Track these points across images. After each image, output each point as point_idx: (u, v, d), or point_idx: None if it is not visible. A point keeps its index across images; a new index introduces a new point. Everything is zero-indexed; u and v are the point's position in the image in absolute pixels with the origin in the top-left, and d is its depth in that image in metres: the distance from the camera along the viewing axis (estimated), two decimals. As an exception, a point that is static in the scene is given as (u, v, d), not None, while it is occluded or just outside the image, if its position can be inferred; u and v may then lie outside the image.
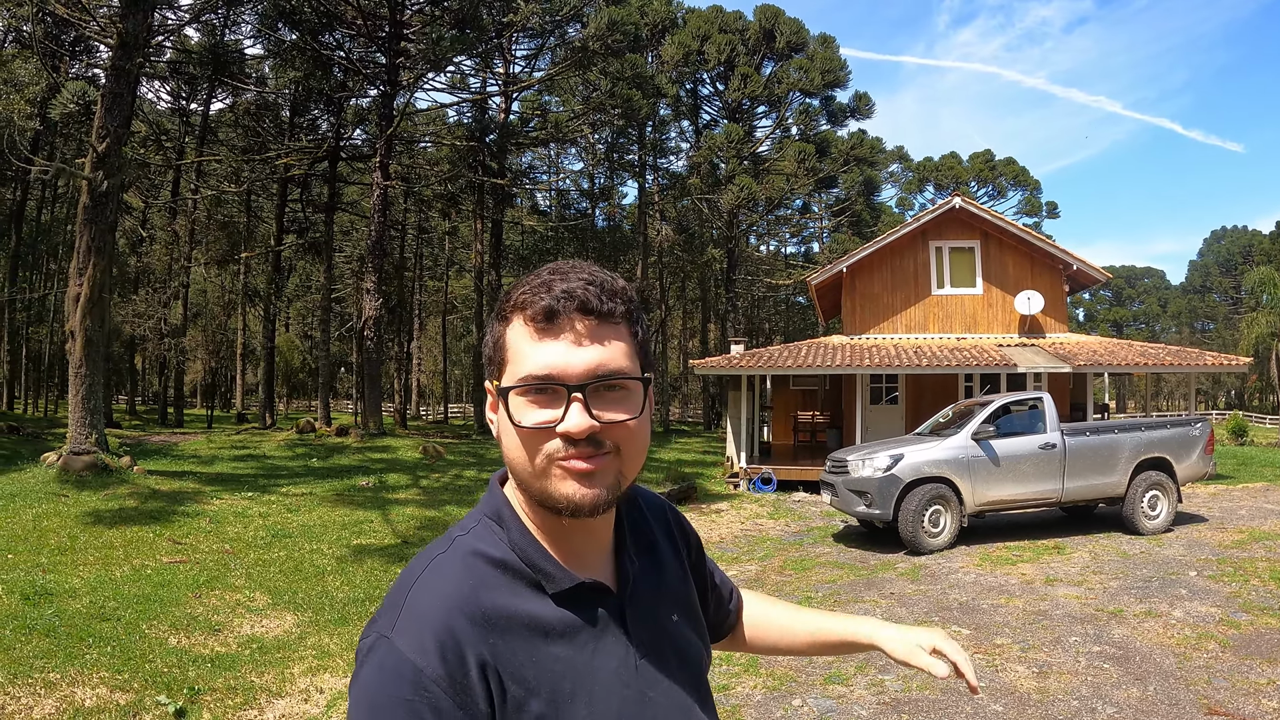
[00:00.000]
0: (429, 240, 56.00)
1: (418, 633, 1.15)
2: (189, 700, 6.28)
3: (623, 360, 1.23)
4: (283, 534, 12.88)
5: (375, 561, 11.48)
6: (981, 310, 23.55)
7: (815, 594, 9.86)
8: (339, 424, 30.98)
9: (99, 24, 20.59)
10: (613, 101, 33.48)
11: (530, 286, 1.24)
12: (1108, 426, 13.75)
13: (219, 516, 13.88)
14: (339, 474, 19.84)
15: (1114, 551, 11.91)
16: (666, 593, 1.44)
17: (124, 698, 6.26)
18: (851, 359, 20.43)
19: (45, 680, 6.43)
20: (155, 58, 30.49)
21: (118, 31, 17.00)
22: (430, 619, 1.16)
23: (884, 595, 9.69)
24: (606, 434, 1.20)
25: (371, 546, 12.40)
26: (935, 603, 9.29)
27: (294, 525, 13.61)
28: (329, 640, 7.98)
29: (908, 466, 12.35)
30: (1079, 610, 8.82)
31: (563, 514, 1.22)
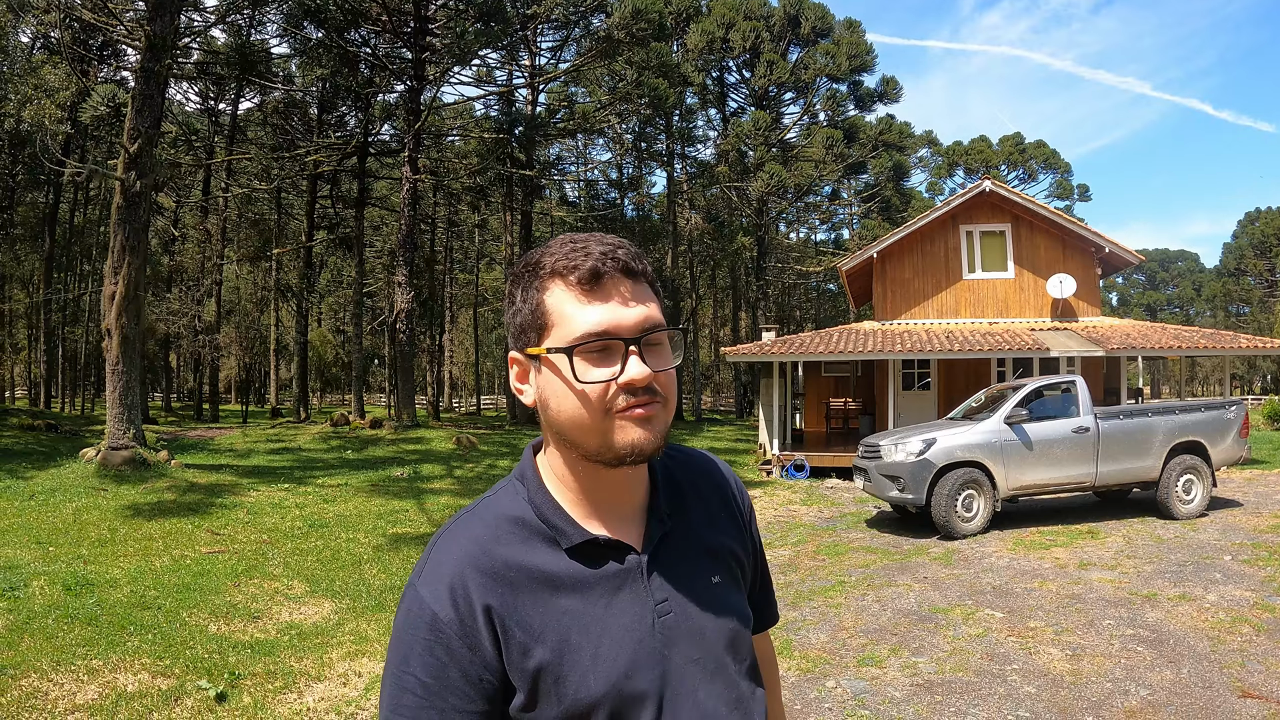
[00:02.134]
0: (459, 233, 56.17)
1: (436, 582, 1.29)
2: (229, 685, 6.36)
3: (660, 315, 1.31)
4: (319, 524, 12.99)
5: (411, 550, 11.51)
6: (1013, 294, 23.40)
7: (849, 578, 9.87)
8: (373, 417, 31.18)
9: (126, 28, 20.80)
10: (639, 91, 33.46)
11: (564, 253, 1.29)
12: (1141, 410, 13.63)
13: (256, 508, 14.06)
14: (374, 465, 20.00)
15: (1148, 536, 11.84)
16: (707, 553, 1.47)
17: (165, 683, 6.35)
18: (883, 344, 20.36)
19: (88, 667, 6.54)
20: (183, 59, 30.69)
21: (145, 34, 17.17)
22: (446, 570, 1.29)
23: (917, 579, 9.69)
24: (657, 382, 1.28)
25: (408, 535, 12.45)
26: (968, 586, 9.28)
27: (330, 515, 13.73)
28: (366, 626, 8.06)
29: (940, 451, 12.31)
30: (1112, 594, 8.78)
31: (625, 462, 1.28)
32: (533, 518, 1.35)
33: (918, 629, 7.79)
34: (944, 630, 7.72)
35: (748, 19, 44.48)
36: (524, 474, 1.41)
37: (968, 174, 60.67)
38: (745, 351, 22.18)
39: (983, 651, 7.08)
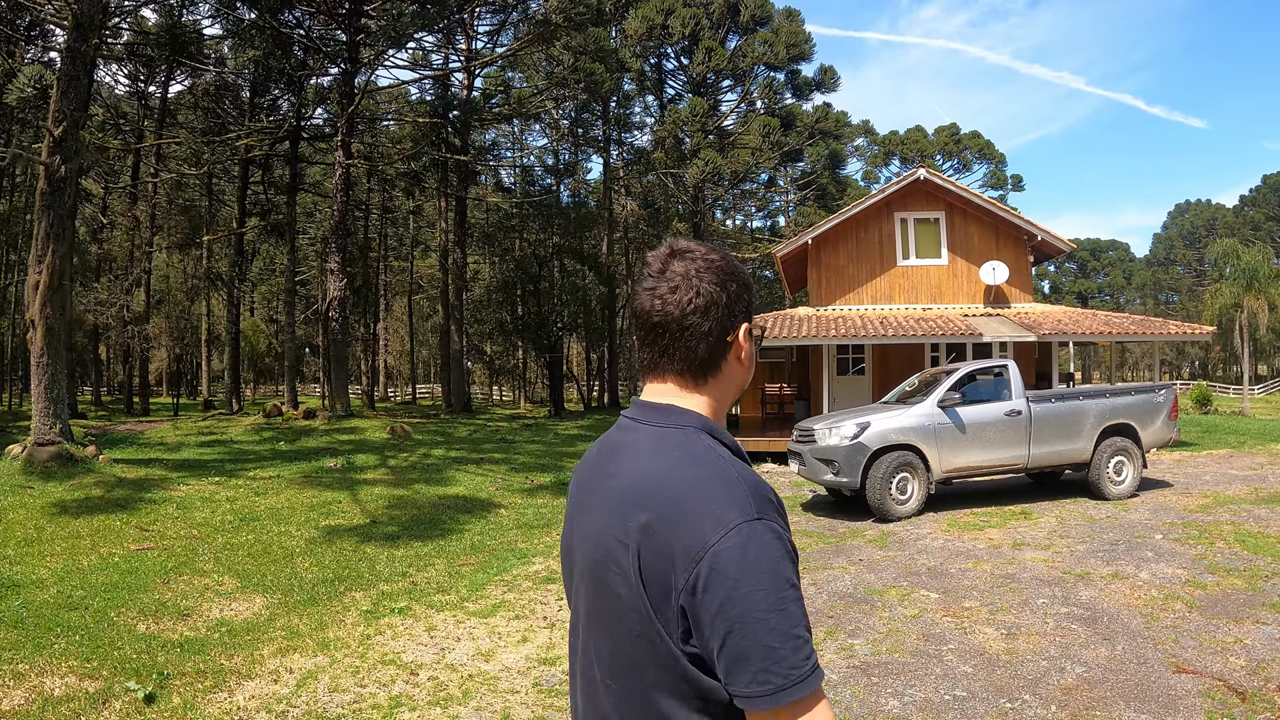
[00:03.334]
0: (394, 220, 55.59)
1: (763, 507, 1.47)
2: (158, 685, 6.20)
3: None
4: (251, 517, 12.77)
5: (345, 541, 11.38)
6: (947, 281, 23.64)
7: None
8: (306, 407, 30.73)
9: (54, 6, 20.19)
10: (575, 76, 33.22)
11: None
12: (1073, 393, 13.85)
13: (186, 502, 13.74)
14: (307, 456, 19.66)
15: (1080, 516, 12.05)
16: None
17: (93, 685, 6.18)
18: (817, 329, 20.46)
19: (14, 671, 6.34)
20: (112, 40, 29.97)
21: (73, 13, 16.65)
22: (763, 497, 1.49)
23: (853, 561, 9.75)
24: None
25: (341, 527, 12.29)
26: (903, 568, 9.36)
27: (262, 508, 13.48)
28: (298, 621, 7.93)
29: (874, 434, 12.41)
30: (1046, 573, 8.90)
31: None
32: (742, 452, 1.65)
33: (853, 611, 7.82)
34: (880, 612, 7.76)
35: (687, 5, 44.42)
36: (711, 428, 1.65)
37: (904, 163, 61.33)
38: (679, 338, 22.15)
39: (919, 632, 7.12)
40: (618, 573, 1.53)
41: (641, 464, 1.59)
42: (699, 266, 1.66)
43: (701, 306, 1.63)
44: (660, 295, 1.65)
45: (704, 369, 1.67)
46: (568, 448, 23.27)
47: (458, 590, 9.01)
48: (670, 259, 1.68)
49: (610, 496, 1.61)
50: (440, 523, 12.81)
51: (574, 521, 1.75)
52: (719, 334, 1.65)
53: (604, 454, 1.73)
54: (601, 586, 1.59)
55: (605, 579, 1.57)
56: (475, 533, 12.22)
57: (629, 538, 1.51)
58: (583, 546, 1.67)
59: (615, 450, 1.69)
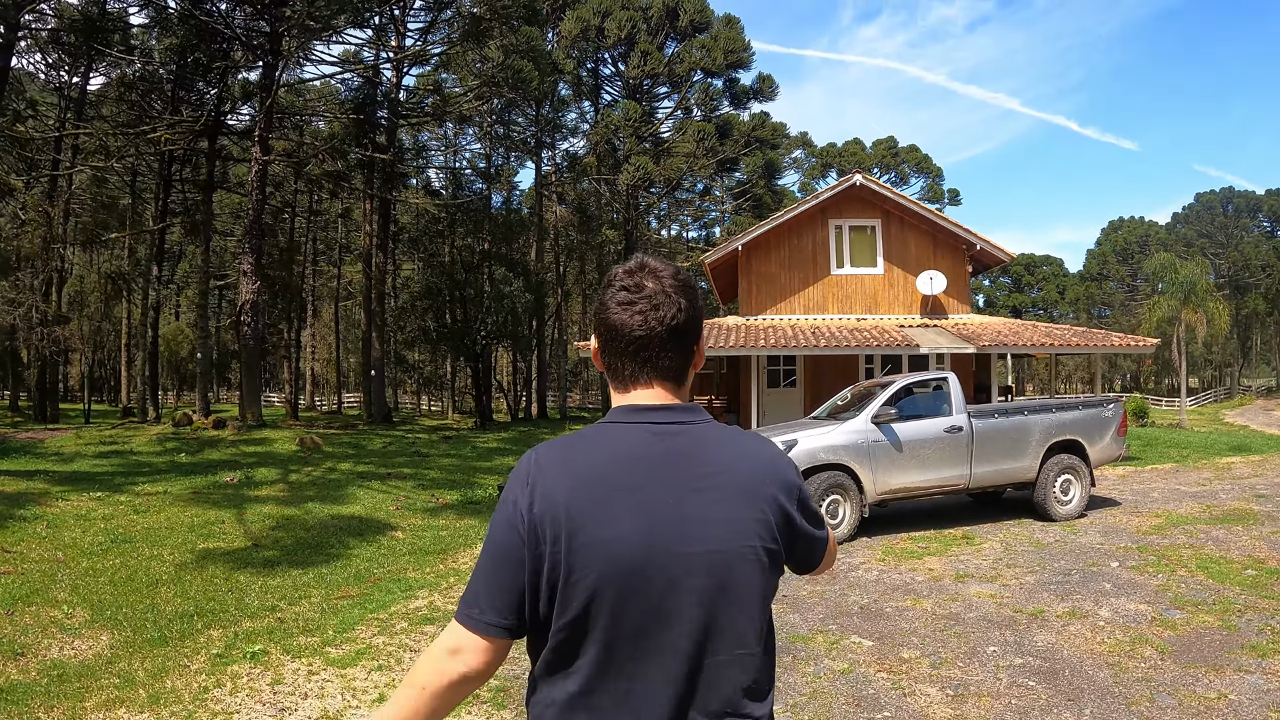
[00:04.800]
0: (323, 224, 54.07)
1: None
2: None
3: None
4: (124, 539, 11.67)
5: (218, 568, 10.28)
6: (883, 290, 22.77)
7: None
8: (217, 417, 29.19)
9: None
10: (504, 75, 32.03)
11: None
12: (1017, 408, 12.85)
13: (58, 520, 12.66)
14: (205, 470, 18.55)
15: (1027, 540, 11.08)
16: None
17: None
18: (746, 340, 19.40)
19: None
20: (38, 25, 28.77)
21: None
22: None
23: (775, 599, 8.61)
24: None
25: (218, 551, 11.16)
26: (833, 606, 8.21)
27: (138, 528, 12.34)
28: (139, 665, 6.94)
29: (802, 453, 11.15)
30: (995, 612, 7.87)
31: None
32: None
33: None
34: (803, 665, 6.60)
35: (625, 9, 43.60)
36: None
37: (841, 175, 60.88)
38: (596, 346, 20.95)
39: (849, 693, 5.98)
40: (758, 547, 1.75)
41: (745, 449, 1.83)
42: (673, 285, 1.83)
43: (683, 322, 1.82)
44: (643, 311, 1.80)
45: (683, 375, 1.88)
46: (484, 462, 22.10)
47: (325, 630, 7.85)
48: (644, 277, 1.83)
49: (728, 490, 1.75)
50: (326, 547, 11.61)
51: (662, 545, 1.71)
52: (691, 345, 1.87)
53: (676, 462, 1.76)
54: (738, 575, 1.73)
55: (742, 566, 1.74)
56: (363, 559, 11.04)
57: (768, 510, 1.78)
58: (696, 560, 1.71)
59: (692, 453, 1.77)
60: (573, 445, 1.81)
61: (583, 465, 1.75)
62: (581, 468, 1.75)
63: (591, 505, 1.69)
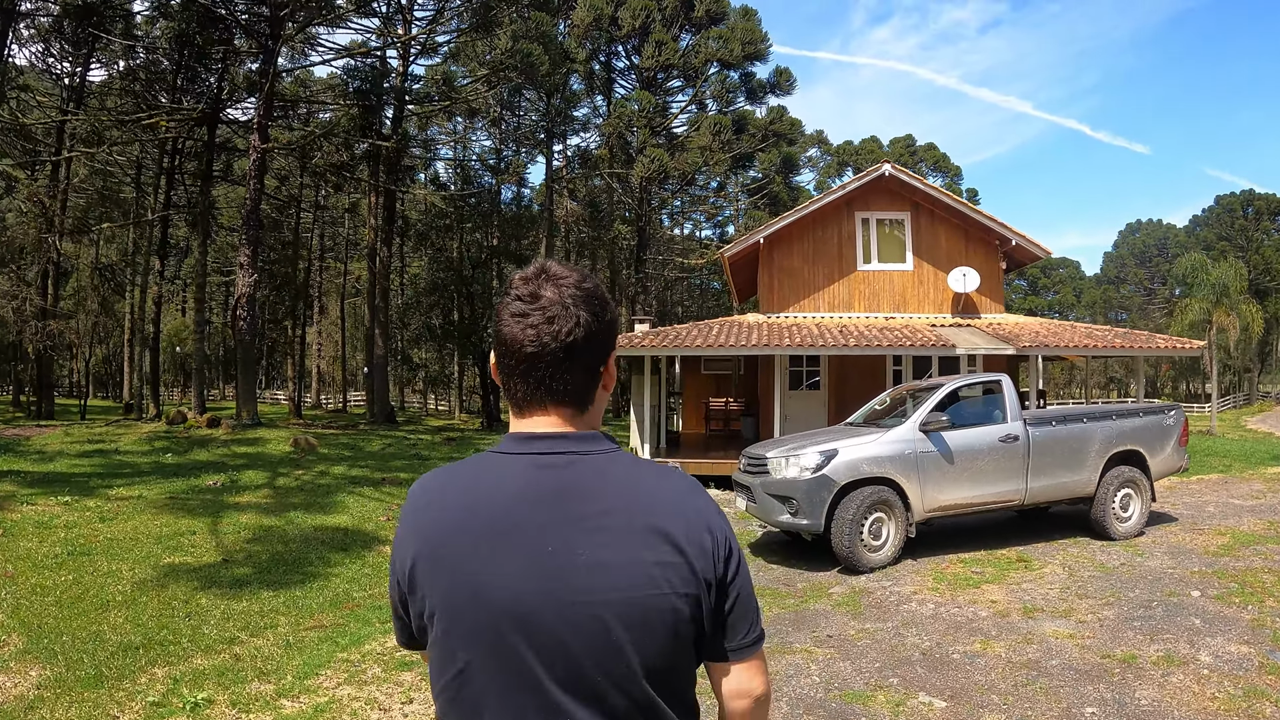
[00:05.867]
0: (331, 220, 52.99)
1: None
2: None
3: None
4: (83, 550, 10.48)
5: (181, 587, 9.09)
6: (911, 288, 21.45)
7: None
8: (212, 415, 27.95)
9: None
10: (513, 60, 30.79)
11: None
12: (1076, 415, 11.52)
13: (16, 528, 11.47)
14: (189, 472, 17.25)
15: (1090, 564, 9.84)
16: None
17: None
18: (769, 338, 18.09)
19: None
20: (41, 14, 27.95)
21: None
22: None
23: (820, 640, 7.25)
24: None
25: (183, 567, 9.94)
26: (890, 652, 6.91)
27: (101, 539, 11.10)
28: (64, 712, 5.90)
29: (843, 465, 9.81)
30: (1080, 658, 6.63)
31: None
32: None
33: (828, 731, 5.41)
34: (866, 736, 5.34)
35: (640, -2, 42.25)
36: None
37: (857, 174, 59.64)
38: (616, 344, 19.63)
39: (930, 781, 4.73)
40: (670, 595, 1.46)
41: (647, 482, 1.56)
42: (574, 295, 1.56)
43: (581, 338, 1.55)
44: (535, 325, 1.54)
45: (585, 398, 1.61)
46: (488, 466, 20.79)
47: (285, 673, 6.71)
48: (542, 284, 1.57)
49: (624, 530, 1.48)
50: (305, 563, 10.39)
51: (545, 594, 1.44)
52: (596, 364, 1.60)
53: (563, 499, 1.49)
54: (639, 629, 1.45)
55: (648, 617, 1.45)
56: (344, 579, 9.84)
57: (678, 554, 1.48)
58: (585, 611, 1.43)
59: (582, 488, 1.51)
60: (456, 477, 1.58)
61: (460, 501, 1.52)
62: (459, 504, 1.52)
63: (466, 547, 1.46)
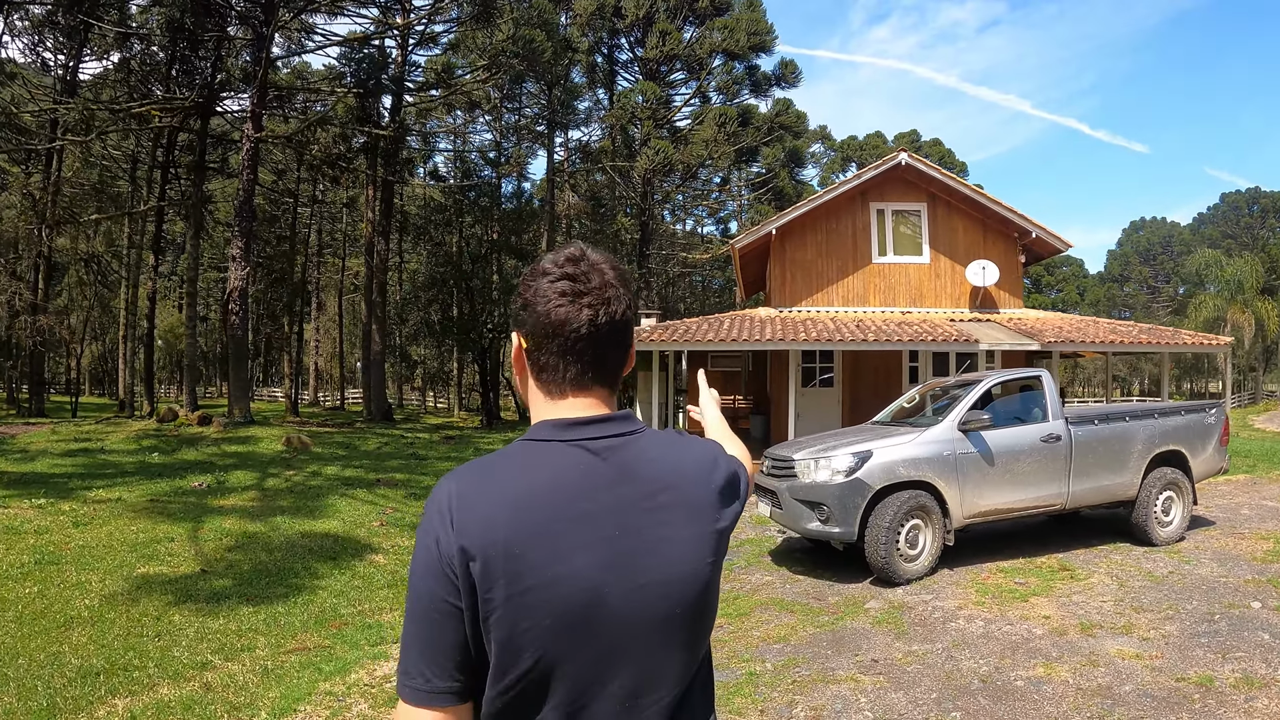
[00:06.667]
0: (330, 215, 52.27)
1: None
2: None
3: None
4: (51, 559, 9.70)
5: (153, 601, 8.29)
6: (928, 281, 20.72)
7: (762, 664, 6.58)
8: (204, 412, 27.17)
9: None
10: (514, 47, 30.03)
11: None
12: (1118, 413, 10.75)
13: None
14: (175, 472, 16.48)
15: (1137, 572, 9.12)
16: None
17: None
18: (783, 333, 17.33)
19: None
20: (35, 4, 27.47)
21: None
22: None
23: (864, 665, 6.47)
24: None
25: (158, 579, 9.12)
26: (945, 679, 6.14)
27: (72, 546, 10.31)
28: None
29: (878, 468, 9.00)
30: (1152, 681, 5.92)
31: None
32: None
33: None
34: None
35: (643, -14, 41.49)
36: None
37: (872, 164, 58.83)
38: (622, 340, 18.80)
39: None
40: (713, 563, 1.51)
41: (687, 455, 1.58)
42: (617, 275, 1.58)
43: (629, 319, 1.59)
44: (593, 305, 1.52)
45: (620, 378, 1.63)
46: (487, 466, 20.05)
47: (260, 706, 5.99)
48: (587, 266, 1.55)
49: (681, 506, 1.50)
50: (290, 575, 9.59)
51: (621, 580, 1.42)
52: (631, 343, 1.63)
53: (622, 482, 1.47)
54: (696, 600, 1.48)
55: (700, 589, 1.48)
56: (331, 592, 9.05)
57: (719, 518, 1.54)
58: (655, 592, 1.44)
59: (636, 470, 1.50)
60: (498, 469, 1.47)
61: (517, 493, 1.42)
62: (516, 496, 1.42)
63: (535, 540, 1.38)
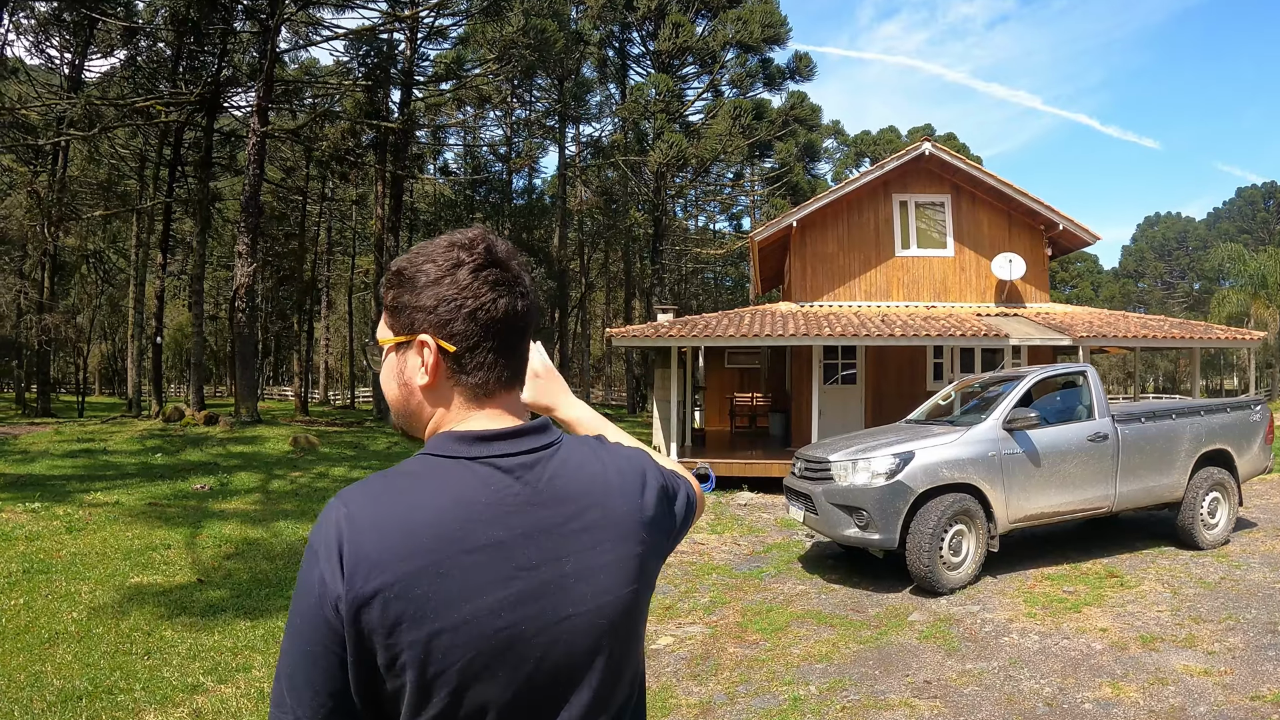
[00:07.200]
0: (340, 214, 51.90)
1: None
2: None
3: (378, 330, 1.42)
4: (41, 568, 9.12)
5: (144, 615, 7.68)
6: (953, 275, 20.15)
7: (805, 687, 6.06)
8: (210, 412, 26.74)
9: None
10: (526, 38, 29.55)
11: None
12: (1164, 410, 10.22)
13: None
14: (177, 474, 15.97)
15: (1188, 578, 8.62)
16: None
17: None
18: (807, 328, 16.78)
19: None
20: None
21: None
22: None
23: (917, 688, 5.93)
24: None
25: (151, 589, 8.50)
26: (1007, 703, 5.60)
27: (64, 554, 9.74)
28: None
29: (920, 470, 8.44)
30: (1226, 701, 5.45)
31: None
32: None
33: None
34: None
35: (655, -23, 40.96)
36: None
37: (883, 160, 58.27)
38: (638, 334, 18.13)
39: None
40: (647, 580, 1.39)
41: (611, 465, 1.42)
42: (517, 263, 1.43)
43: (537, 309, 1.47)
44: (517, 295, 1.38)
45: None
46: (498, 466, 19.55)
47: None
48: (499, 250, 1.39)
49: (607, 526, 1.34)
50: (290, 586, 8.78)
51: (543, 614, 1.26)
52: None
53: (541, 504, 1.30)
54: (625, 625, 1.34)
55: (630, 613, 1.35)
56: None
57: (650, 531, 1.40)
58: (582, 623, 1.28)
59: (556, 489, 1.33)
60: (395, 492, 1.25)
61: (418, 521, 1.21)
62: (416, 525, 1.21)
63: (440, 577, 1.19)
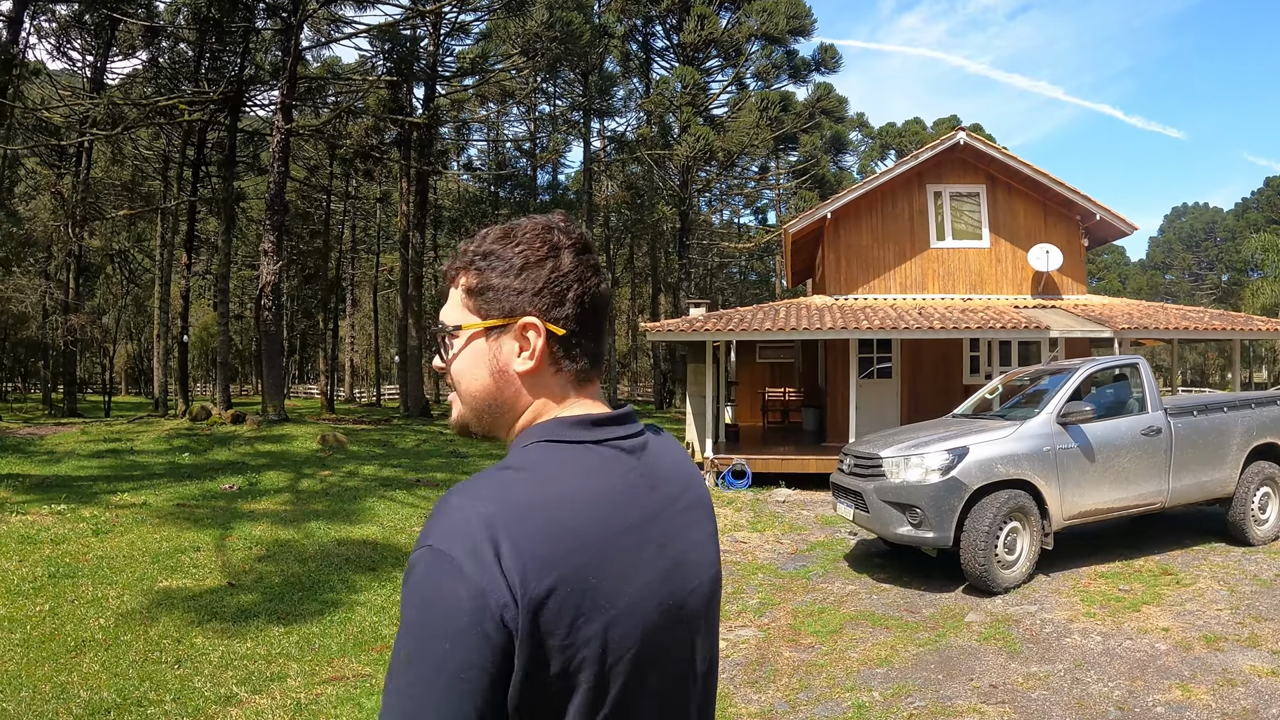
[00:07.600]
0: (364, 212, 51.95)
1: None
2: None
3: (445, 316, 1.38)
4: (67, 572, 8.80)
5: (173, 620, 7.34)
6: (989, 266, 19.86)
7: (868, 693, 5.87)
8: (237, 410, 26.68)
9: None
10: (551, 31, 29.40)
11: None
12: (1216, 403, 9.96)
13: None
14: (205, 473, 15.70)
15: (1242, 575, 8.45)
16: None
17: None
18: (844, 321, 16.55)
19: None
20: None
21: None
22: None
23: (983, 692, 5.73)
24: (447, 374, 1.40)
25: (180, 593, 8.18)
26: (1078, 707, 5.40)
27: (91, 557, 9.43)
28: None
29: (974, 466, 8.19)
30: (1312, 711, 5.15)
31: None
32: None
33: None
34: None
35: (678, -30, 40.71)
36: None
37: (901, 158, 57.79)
38: (671, 329, 17.93)
39: None
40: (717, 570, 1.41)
41: (678, 451, 1.43)
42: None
43: None
44: (606, 279, 1.40)
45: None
46: (531, 463, 19.37)
47: None
48: (583, 236, 1.38)
49: (698, 505, 1.38)
50: (324, 588, 8.56)
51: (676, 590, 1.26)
52: None
53: (658, 485, 1.31)
54: (717, 599, 1.39)
55: (718, 587, 1.40)
56: (370, 608, 7.97)
57: (712, 508, 1.44)
58: (698, 597, 1.31)
59: (664, 471, 1.34)
60: (539, 484, 1.20)
61: (576, 510, 1.18)
62: (577, 514, 1.17)
63: (606, 563, 1.16)
